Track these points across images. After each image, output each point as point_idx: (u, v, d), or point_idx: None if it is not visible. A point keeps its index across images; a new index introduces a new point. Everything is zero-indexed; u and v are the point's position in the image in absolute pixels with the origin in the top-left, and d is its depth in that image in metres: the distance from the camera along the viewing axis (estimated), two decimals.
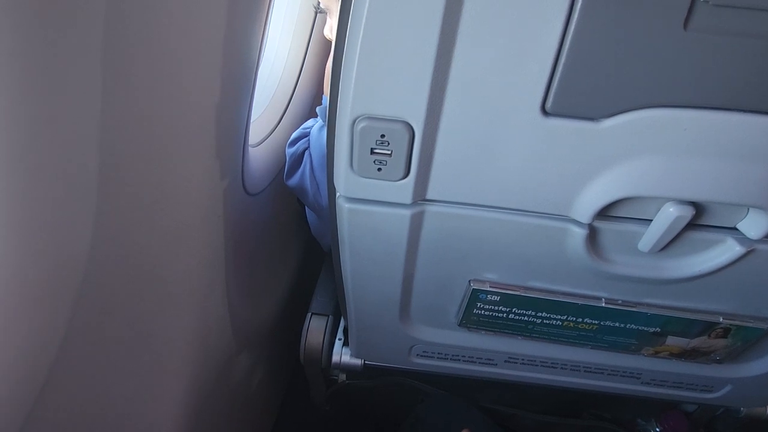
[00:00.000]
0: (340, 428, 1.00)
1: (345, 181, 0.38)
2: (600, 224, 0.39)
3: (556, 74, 0.30)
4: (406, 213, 0.40)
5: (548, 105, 0.32)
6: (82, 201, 0.28)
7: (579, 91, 0.31)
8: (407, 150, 0.35)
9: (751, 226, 0.38)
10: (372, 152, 0.35)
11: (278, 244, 0.86)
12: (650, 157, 0.33)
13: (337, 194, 0.41)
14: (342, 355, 0.68)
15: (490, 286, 0.47)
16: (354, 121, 0.34)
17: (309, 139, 0.66)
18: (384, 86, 0.32)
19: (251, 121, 0.66)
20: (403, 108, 0.33)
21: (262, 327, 0.78)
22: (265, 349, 0.86)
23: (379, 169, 0.36)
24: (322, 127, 0.66)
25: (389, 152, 0.35)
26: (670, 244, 0.39)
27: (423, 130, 0.34)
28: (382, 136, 0.34)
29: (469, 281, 0.47)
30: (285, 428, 1.00)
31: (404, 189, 0.38)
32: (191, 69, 0.34)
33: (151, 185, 0.34)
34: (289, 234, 0.92)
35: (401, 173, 0.36)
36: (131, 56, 0.28)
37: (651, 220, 0.38)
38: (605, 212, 0.37)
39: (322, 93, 0.78)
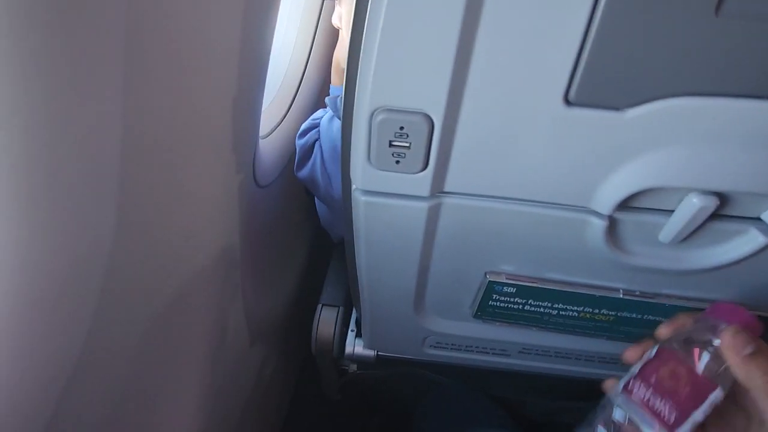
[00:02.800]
0: (352, 417, 1.01)
1: (362, 174, 0.37)
2: (620, 215, 0.38)
3: (581, 63, 0.29)
4: (424, 206, 0.39)
5: (571, 95, 0.31)
6: (105, 198, 0.27)
7: (604, 80, 0.30)
8: (426, 142, 0.34)
9: None
10: (390, 145, 0.35)
11: (288, 236, 0.86)
12: (675, 147, 0.32)
13: (353, 187, 0.40)
14: (355, 346, 0.68)
15: (506, 278, 0.46)
16: (372, 114, 0.33)
17: (319, 131, 0.66)
18: (404, 77, 0.31)
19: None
20: (422, 99, 0.32)
21: (274, 319, 0.79)
22: (277, 340, 0.86)
23: (398, 162, 0.36)
24: (332, 117, 0.65)
25: (408, 144, 0.34)
26: (692, 234, 0.39)
27: (443, 122, 0.33)
28: (401, 128, 0.33)
29: (485, 273, 0.47)
30: (297, 418, 1.02)
31: (422, 182, 0.37)
32: (209, 64, 0.33)
33: (170, 182, 0.34)
34: (298, 225, 0.92)
35: (420, 166, 0.36)
36: (150, 54, 0.28)
37: (672, 211, 0.38)
38: (626, 203, 0.37)
39: (330, 82, 0.77)
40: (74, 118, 0.23)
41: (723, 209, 0.37)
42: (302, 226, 0.94)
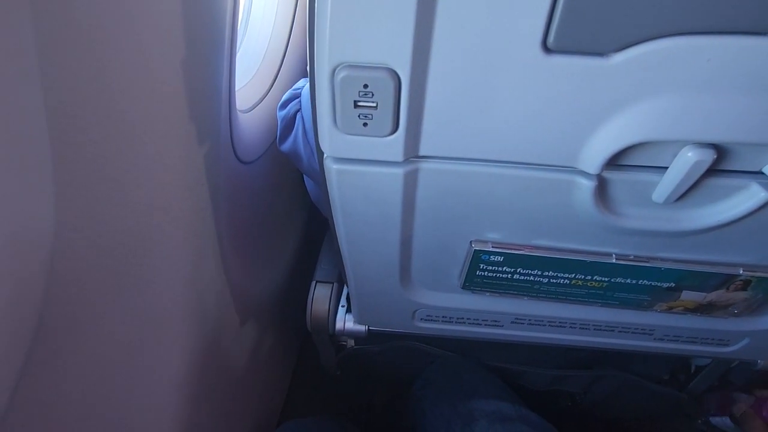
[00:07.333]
0: (352, 391, 1.01)
1: (330, 139, 0.35)
2: (609, 174, 0.36)
3: (558, 2, 0.26)
4: (399, 172, 0.37)
5: (550, 40, 0.28)
6: (38, 179, 0.25)
7: (585, 22, 0.27)
8: (394, 101, 0.32)
9: None
10: (356, 105, 0.32)
11: (281, 213, 0.84)
12: (667, 95, 0.30)
13: (325, 155, 0.38)
14: (345, 322, 0.67)
15: (492, 247, 0.44)
16: (333, 71, 0.31)
17: (300, 101, 0.63)
18: (362, 28, 0.28)
19: (237, 84, 0.63)
20: (385, 52, 0.29)
21: (269, 297, 0.78)
22: (274, 318, 0.86)
23: (365, 124, 0.33)
24: None
25: (374, 104, 0.32)
26: (688, 192, 0.36)
27: (410, 78, 0.30)
28: (365, 86, 0.31)
29: (471, 242, 0.45)
30: (298, 392, 1.03)
31: (394, 145, 0.35)
32: (147, 24, 0.30)
33: (116, 154, 0.31)
34: (292, 202, 0.90)
35: (389, 128, 0.33)
36: (71, 10, 0.25)
37: (666, 168, 0.35)
38: (615, 161, 0.34)
39: None
40: None
41: (721, 163, 0.35)
42: (297, 203, 0.92)
